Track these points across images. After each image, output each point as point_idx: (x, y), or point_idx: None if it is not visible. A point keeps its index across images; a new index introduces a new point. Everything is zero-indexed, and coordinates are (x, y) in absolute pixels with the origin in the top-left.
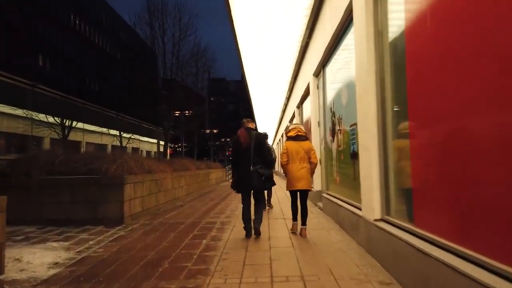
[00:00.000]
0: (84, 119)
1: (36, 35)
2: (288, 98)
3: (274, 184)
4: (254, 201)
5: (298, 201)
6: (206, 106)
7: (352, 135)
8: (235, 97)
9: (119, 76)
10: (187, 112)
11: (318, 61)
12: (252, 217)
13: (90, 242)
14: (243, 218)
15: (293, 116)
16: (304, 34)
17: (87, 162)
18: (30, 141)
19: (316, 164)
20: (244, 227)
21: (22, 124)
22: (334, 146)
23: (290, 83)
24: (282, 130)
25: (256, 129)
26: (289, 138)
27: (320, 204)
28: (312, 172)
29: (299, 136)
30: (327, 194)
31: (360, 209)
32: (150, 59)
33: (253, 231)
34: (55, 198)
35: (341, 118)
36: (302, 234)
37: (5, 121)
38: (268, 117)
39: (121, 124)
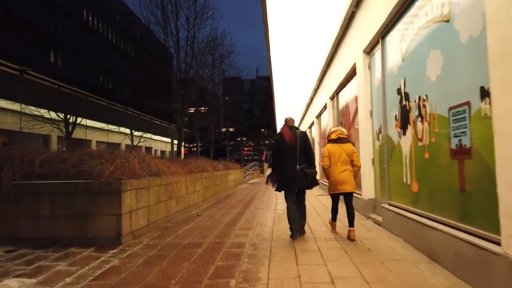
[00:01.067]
0: (87, 113)
1: (40, 28)
2: (316, 90)
3: (317, 183)
4: (297, 200)
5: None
6: (221, 101)
7: (458, 121)
8: (250, 96)
9: (128, 70)
10: (202, 108)
11: (372, 34)
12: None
13: (67, 279)
14: (289, 218)
15: (324, 109)
16: (352, 2)
17: (77, 162)
18: (17, 138)
19: (359, 168)
20: (290, 227)
21: (11, 118)
22: (406, 141)
23: (322, 70)
24: (305, 125)
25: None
26: (331, 141)
27: (376, 217)
28: (355, 176)
29: (341, 139)
30: (391, 205)
31: (496, 242)
32: (162, 51)
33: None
34: (32, 210)
35: (425, 100)
36: (351, 236)
37: None
38: (289, 113)
39: (131, 120)
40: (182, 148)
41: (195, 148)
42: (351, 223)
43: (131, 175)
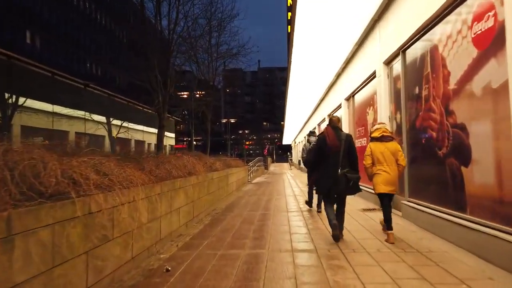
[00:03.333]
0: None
1: None
2: (331, 86)
3: (360, 190)
4: (337, 203)
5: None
6: (220, 86)
7: None
8: (252, 88)
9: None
10: (199, 92)
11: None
12: None
13: None
14: (330, 224)
15: (339, 107)
16: None
17: None
18: None
19: (404, 167)
20: (333, 235)
21: None
22: None
23: (341, 68)
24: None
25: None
26: (374, 139)
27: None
28: (399, 176)
29: (385, 137)
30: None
31: None
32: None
33: None
34: None
35: None
36: (390, 239)
37: None
38: (300, 108)
39: (94, 101)
40: (168, 140)
41: (195, 142)
42: (389, 225)
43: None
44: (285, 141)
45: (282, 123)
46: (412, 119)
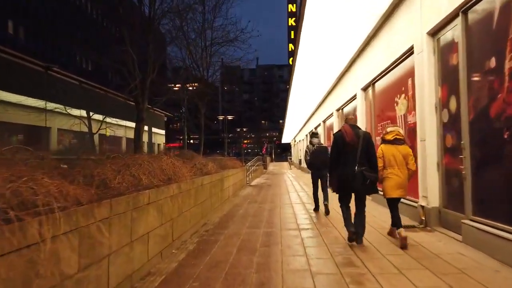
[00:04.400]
0: None
1: None
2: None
3: (377, 191)
4: (356, 204)
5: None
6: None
7: None
8: (250, 86)
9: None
10: (191, 84)
11: None
12: None
13: None
14: (346, 224)
15: (353, 98)
16: None
17: None
18: None
19: (414, 172)
20: (349, 238)
21: None
22: None
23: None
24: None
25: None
26: (386, 142)
27: None
28: (408, 180)
29: (398, 140)
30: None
31: None
32: None
33: None
34: None
35: None
36: (402, 234)
37: None
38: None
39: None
40: (157, 138)
41: (192, 141)
42: (400, 223)
43: None
44: (284, 140)
45: (280, 121)
46: (480, 105)
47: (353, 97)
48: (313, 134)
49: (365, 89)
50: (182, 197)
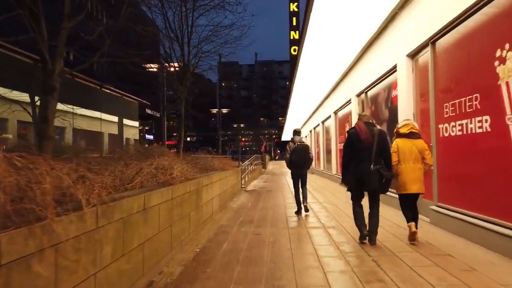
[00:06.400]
0: None
1: None
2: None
3: (388, 190)
4: (370, 204)
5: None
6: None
7: None
8: (248, 83)
9: None
10: (172, 64)
11: None
12: None
13: None
14: (357, 224)
15: (387, 74)
16: None
17: None
18: None
19: (430, 166)
20: (360, 237)
21: None
22: None
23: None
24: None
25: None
26: (400, 135)
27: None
28: (425, 174)
29: (413, 134)
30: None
31: None
32: None
33: None
34: None
35: None
36: (415, 236)
37: None
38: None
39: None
40: (130, 130)
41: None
42: (416, 222)
43: None
44: (284, 137)
45: (280, 118)
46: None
47: (387, 73)
48: (295, 132)
49: (413, 55)
50: (87, 251)
